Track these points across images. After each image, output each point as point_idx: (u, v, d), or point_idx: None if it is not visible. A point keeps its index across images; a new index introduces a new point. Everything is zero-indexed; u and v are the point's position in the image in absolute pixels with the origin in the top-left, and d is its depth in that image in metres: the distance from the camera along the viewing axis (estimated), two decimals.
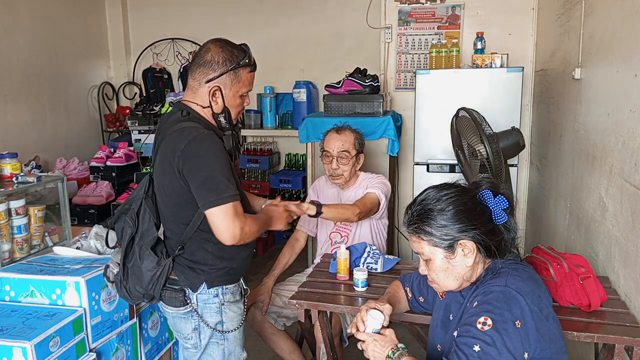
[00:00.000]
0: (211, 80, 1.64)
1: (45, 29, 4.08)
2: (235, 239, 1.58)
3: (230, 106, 1.70)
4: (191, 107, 1.68)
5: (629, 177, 1.83)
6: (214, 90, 1.65)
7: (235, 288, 1.77)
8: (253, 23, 4.59)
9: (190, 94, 1.69)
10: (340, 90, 3.32)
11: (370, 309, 1.42)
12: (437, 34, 3.80)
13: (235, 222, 1.56)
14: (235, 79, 1.66)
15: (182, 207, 1.64)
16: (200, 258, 1.68)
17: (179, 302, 1.69)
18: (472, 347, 1.18)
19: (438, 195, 1.32)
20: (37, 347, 1.46)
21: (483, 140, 2.60)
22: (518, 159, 3.25)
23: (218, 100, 1.67)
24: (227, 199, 1.55)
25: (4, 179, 2.22)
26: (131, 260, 1.68)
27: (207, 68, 1.64)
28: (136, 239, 1.69)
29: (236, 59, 1.64)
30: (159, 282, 1.65)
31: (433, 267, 1.34)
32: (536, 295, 1.23)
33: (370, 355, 1.35)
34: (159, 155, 1.68)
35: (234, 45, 1.68)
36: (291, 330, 2.54)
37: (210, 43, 1.66)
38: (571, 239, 2.56)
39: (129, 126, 4.38)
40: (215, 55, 1.63)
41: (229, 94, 1.68)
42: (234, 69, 1.64)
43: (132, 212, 1.70)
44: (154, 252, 1.66)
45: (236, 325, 1.76)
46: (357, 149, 2.52)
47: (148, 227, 1.68)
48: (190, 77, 1.69)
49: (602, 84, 2.19)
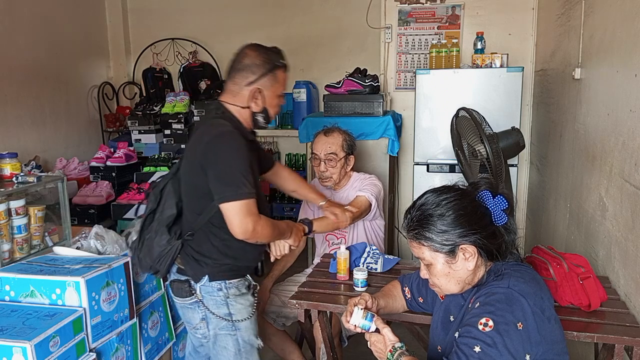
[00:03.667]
0: (252, 83, 1.73)
1: (45, 29, 4.07)
2: (247, 234, 1.64)
3: (269, 106, 1.79)
4: (227, 107, 1.77)
5: (629, 177, 1.83)
6: (255, 92, 1.74)
7: (240, 282, 1.82)
8: (253, 23, 4.58)
9: (230, 96, 1.78)
10: (340, 90, 3.32)
11: (356, 305, 1.45)
12: (437, 34, 3.80)
13: (248, 219, 1.62)
14: (274, 79, 1.76)
15: (198, 197, 1.72)
16: (205, 250, 1.75)
17: (185, 293, 1.78)
18: (472, 348, 1.17)
19: (437, 199, 1.31)
20: (37, 347, 1.46)
21: (483, 140, 2.60)
22: (518, 159, 3.25)
23: (259, 101, 1.76)
24: (242, 195, 1.61)
25: (4, 179, 2.22)
26: (149, 232, 1.78)
27: (247, 72, 1.73)
28: (157, 214, 1.79)
29: (273, 61, 1.75)
30: (165, 259, 1.74)
31: (434, 271, 1.34)
32: (538, 296, 1.23)
33: (376, 354, 1.38)
34: (189, 144, 1.78)
35: (268, 48, 1.77)
36: (291, 330, 2.54)
37: (247, 48, 1.76)
38: (571, 239, 2.56)
39: (129, 126, 4.37)
40: (254, 59, 1.73)
41: (268, 94, 1.77)
42: (271, 71, 1.74)
43: (157, 189, 1.81)
44: (168, 230, 1.75)
45: (246, 315, 1.82)
46: (346, 151, 2.50)
47: (169, 205, 1.77)
48: (230, 82, 1.77)
49: (602, 84, 2.19)
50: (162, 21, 4.85)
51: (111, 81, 4.94)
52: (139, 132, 4.36)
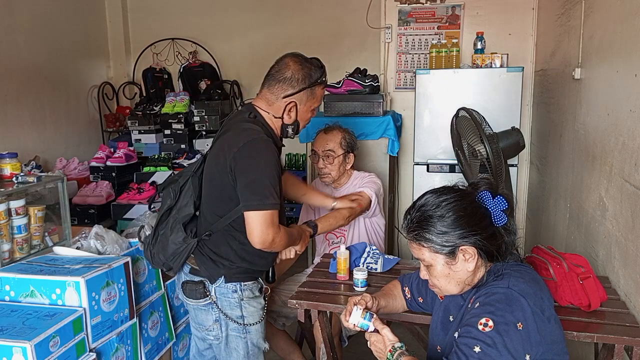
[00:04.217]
0: (289, 96, 1.72)
1: (45, 29, 4.07)
2: (265, 245, 1.64)
3: (300, 119, 1.79)
4: (260, 112, 1.75)
5: (629, 177, 1.83)
6: (291, 106, 1.73)
7: (254, 285, 1.83)
8: (253, 23, 4.58)
9: (264, 104, 1.76)
10: (340, 90, 3.32)
11: (356, 305, 1.45)
12: (437, 34, 3.80)
13: (270, 230, 1.62)
14: (311, 95, 1.76)
15: (222, 200, 1.71)
16: (223, 252, 1.75)
17: (199, 294, 1.78)
18: (472, 348, 1.17)
19: (437, 200, 1.31)
20: (37, 347, 1.46)
21: (483, 140, 2.60)
22: (518, 159, 3.25)
23: (292, 114, 1.75)
24: (268, 205, 1.61)
25: (4, 179, 2.22)
26: (163, 228, 1.77)
27: (286, 85, 1.72)
28: (173, 211, 1.78)
29: (314, 78, 1.73)
30: (180, 257, 1.74)
31: (434, 272, 1.33)
32: (538, 297, 1.23)
33: (375, 354, 1.37)
34: (218, 145, 1.75)
35: (311, 62, 1.76)
36: (291, 330, 2.54)
37: (289, 59, 1.74)
38: (571, 239, 2.56)
39: (129, 126, 4.38)
40: (296, 73, 1.71)
41: (302, 108, 1.77)
42: (311, 87, 1.73)
43: (177, 185, 1.79)
44: (184, 228, 1.74)
45: (257, 319, 1.83)
46: (345, 149, 2.52)
47: (187, 203, 1.77)
48: (268, 90, 1.75)
49: (602, 84, 2.19)
50: (162, 21, 4.86)
51: (111, 81, 4.94)
52: (139, 132, 4.36)
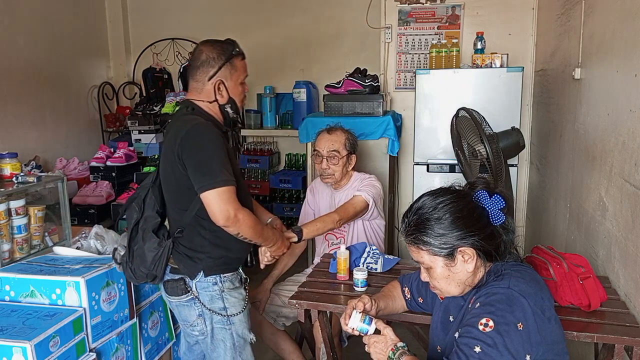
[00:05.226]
0: (213, 77, 1.77)
1: (45, 29, 4.07)
2: (229, 221, 1.64)
3: (233, 95, 1.82)
4: (196, 104, 1.80)
5: (629, 177, 1.83)
6: (218, 84, 1.77)
7: (234, 276, 1.85)
8: (253, 23, 4.57)
9: (195, 94, 1.81)
10: (340, 90, 3.32)
11: (354, 309, 1.45)
12: (437, 34, 3.80)
13: (229, 206, 1.63)
14: (232, 68, 1.80)
15: (181, 194, 1.74)
16: (197, 245, 1.76)
17: (181, 291, 1.79)
18: (472, 348, 1.17)
19: (434, 203, 1.31)
20: (37, 347, 1.46)
21: (483, 140, 2.59)
22: (518, 159, 3.25)
23: (223, 93, 1.79)
24: (220, 182, 1.63)
25: (4, 179, 2.22)
26: (136, 243, 1.78)
27: (205, 67, 1.77)
28: (140, 223, 1.79)
29: (228, 51, 1.78)
30: (160, 262, 1.75)
31: (434, 275, 1.34)
32: (539, 297, 1.23)
33: (374, 356, 1.36)
34: (165, 144, 1.80)
35: (221, 41, 1.81)
36: (291, 330, 2.54)
37: (201, 45, 1.81)
38: (571, 239, 2.56)
39: (129, 126, 4.37)
40: (209, 53, 1.77)
41: (230, 84, 1.80)
42: (229, 60, 1.77)
43: (139, 199, 1.82)
44: (155, 234, 1.76)
45: (240, 309, 1.84)
46: (348, 150, 2.52)
47: (152, 213, 1.80)
48: (192, 79, 1.80)
49: (602, 84, 2.19)
50: (162, 21, 4.85)
51: (111, 81, 4.94)
52: (139, 132, 4.35)
